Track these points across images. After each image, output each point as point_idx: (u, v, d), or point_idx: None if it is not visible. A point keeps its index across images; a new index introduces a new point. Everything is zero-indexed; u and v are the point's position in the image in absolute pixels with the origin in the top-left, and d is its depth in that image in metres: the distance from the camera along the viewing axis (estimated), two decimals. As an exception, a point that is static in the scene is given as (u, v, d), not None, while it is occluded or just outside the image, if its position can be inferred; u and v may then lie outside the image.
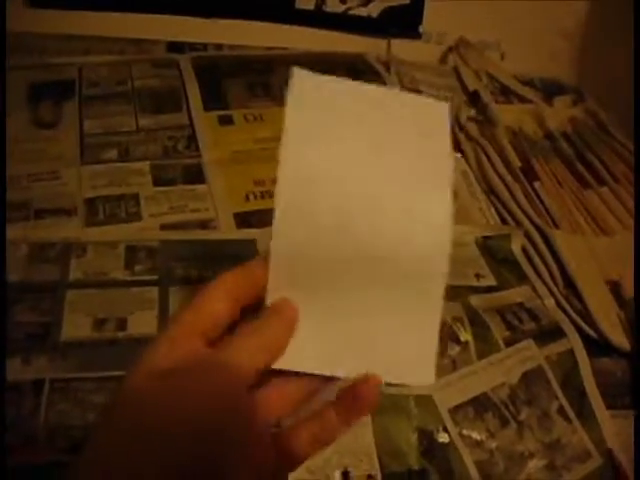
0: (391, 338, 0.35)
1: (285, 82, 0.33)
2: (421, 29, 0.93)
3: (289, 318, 0.33)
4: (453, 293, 0.61)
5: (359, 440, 0.50)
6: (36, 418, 0.47)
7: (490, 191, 0.75)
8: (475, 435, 0.52)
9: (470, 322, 0.59)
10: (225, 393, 0.30)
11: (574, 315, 0.62)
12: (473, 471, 0.50)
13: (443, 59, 0.96)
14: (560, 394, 0.57)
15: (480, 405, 0.54)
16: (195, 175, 0.68)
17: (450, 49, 0.95)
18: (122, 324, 0.54)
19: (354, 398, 0.34)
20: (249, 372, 0.31)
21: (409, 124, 0.35)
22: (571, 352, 0.59)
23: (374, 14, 0.91)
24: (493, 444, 0.52)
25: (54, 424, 0.47)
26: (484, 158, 0.78)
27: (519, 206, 0.72)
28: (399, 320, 0.35)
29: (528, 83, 0.94)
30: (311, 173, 0.33)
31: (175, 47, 0.87)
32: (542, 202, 0.73)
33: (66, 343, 0.52)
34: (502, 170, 0.76)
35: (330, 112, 0.34)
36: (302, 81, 0.34)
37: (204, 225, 0.64)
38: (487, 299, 0.62)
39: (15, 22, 0.82)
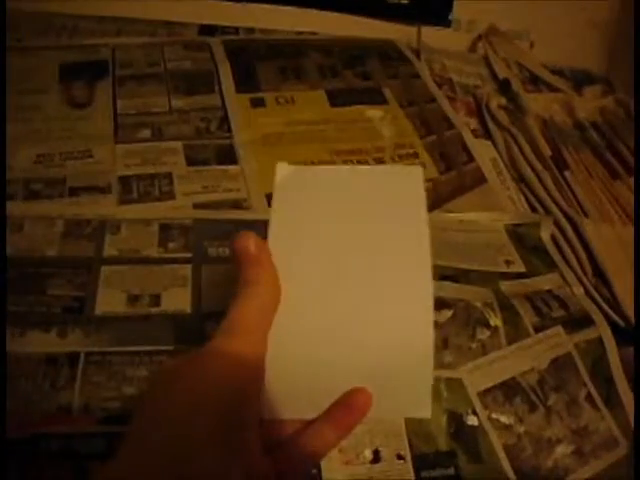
0: (386, 373, 0.35)
1: (316, 66, 0.35)
2: (451, 17, 0.93)
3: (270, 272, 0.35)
4: (483, 278, 0.61)
5: (390, 421, 0.50)
6: (71, 390, 0.48)
7: (520, 179, 0.75)
8: (504, 419, 0.52)
9: (500, 307, 0.59)
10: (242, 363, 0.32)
11: (603, 304, 0.62)
12: (501, 454, 0.51)
13: (473, 47, 0.95)
14: (588, 381, 0.56)
15: (509, 389, 0.54)
16: (227, 156, 0.69)
17: (480, 37, 0.95)
18: (156, 300, 0.55)
19: (349, 409, 0.35)
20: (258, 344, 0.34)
21: (384, 196, 0.39)
22: (599, 340, 0.59)
23: (404, 1, 0.91)
24: (521, 429, 0.52)
25: (89, 396, 0.48)
26: (514, 146, 0.77)
27: (549, 194, 0.72)
28: (393, 354, 0.35)
29: (557, 72, 0.94)
30: (296, 265, 0.37)
31: (206, 30, 0.87)
32: (572, 191, 0.73)
33: (101, 317, 0.53)
34: (532, 158, 0.76)
35: (312, 199, 0.39)
36: (286, 174, 0.40)
37: (236, 205, 0.64)
38: (517, 285, 0.62)
39: (48, 3, 0.83)
